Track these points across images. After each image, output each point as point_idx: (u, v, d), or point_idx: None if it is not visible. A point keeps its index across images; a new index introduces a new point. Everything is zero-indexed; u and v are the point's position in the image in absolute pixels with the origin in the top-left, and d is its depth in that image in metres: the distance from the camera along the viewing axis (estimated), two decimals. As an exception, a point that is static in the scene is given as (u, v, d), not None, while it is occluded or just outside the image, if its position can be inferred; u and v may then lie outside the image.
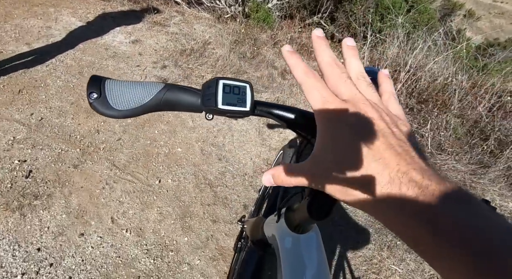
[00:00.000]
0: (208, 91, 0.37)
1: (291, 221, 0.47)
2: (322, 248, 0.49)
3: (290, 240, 0.48)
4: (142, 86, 0.36)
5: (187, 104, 0.37)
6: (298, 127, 0.42)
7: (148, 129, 1.81)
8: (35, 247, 1.20)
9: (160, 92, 0.36)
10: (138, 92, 0.36)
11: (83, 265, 1.19)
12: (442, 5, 7.15)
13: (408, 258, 1.46)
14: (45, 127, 1.65)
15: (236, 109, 0.37)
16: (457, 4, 7.51)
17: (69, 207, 1.34)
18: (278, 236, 0.50)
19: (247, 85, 0.39)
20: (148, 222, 1.38)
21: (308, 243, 0.48)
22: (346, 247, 1.46)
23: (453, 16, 6.56)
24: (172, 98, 0.37)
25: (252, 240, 0.72)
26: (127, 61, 2.31)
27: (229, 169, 1.72)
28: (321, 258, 0.48)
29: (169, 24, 2.91)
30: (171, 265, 1.27)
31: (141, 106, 0.36)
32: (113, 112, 0.34)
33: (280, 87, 2.44)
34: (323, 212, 0.37)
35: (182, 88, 0.38)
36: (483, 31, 9.37)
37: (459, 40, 3.35)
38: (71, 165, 1.50)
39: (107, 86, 0.35)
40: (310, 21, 3.90)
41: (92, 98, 0.34)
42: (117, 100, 0.34)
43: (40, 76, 1.95)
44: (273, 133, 2.01)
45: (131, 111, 0.35)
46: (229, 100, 0.37)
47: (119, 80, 0.36)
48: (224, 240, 1.40)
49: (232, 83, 0.38)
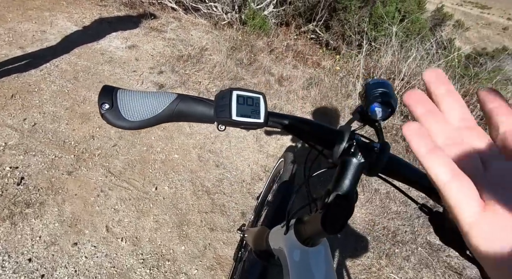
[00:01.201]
0: (222, 102, 0.36)
1: (301, 233, 0.46)
2: (331, 262, 0.48)
3: (298, 252, 0.47)
4: (154, 97, 0.35)
5: (200, 115, 0.37)
6: (311, 139, 0.42)
7: (144, 135, 1.79)
8: (26, 257, 1.15)
9: (173, 103, 0.36)
10: (150, 103, 0.35)
11: (76, 276, 1.15)
12: (433, 15, 7.36)
13: (407, 267, 1.46)
14: (39, 132, 1.61)
15: (250, 121, 0.37)
16: (447, 15, 7.75)
17: (62, 216, 1.30)
18: (287, 249, 0.49)
19: (261, 96, 0.39)
20: (144, 231, 1.35)
21: (317, 257, 0.47)
22: (345, 255, 1.45)
23: (443, 26, 6.74)
24: (185, 109, 0.36)
25: (255, 250, 0.71)
26: (123, 67, 2.29)
27: (226, 176, 1.71)
28: (329, 272, 0.47)
29: (166, 30, 2.91)
30: (167, 275, 1.24)
31: (154, 117, 0.35)
32: (125, 123, 0.33)
33: (277, 94, 2.45)
34: (338, 226, 0.36)
35: (195, 99, 0.37)
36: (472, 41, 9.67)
37: (450, 49, 3.45)
38: (65, 172, 1.47)
39: (119, 97, 0.34)
40: (305, 28, 3.95)
41: (104, 109, 0.33)
42: (129, 111, 0.34)
43: (34, 81, 1.91)
44: (270, 139, 2.01)
45: (143, 122, 0.34)
46: (243, 111, 0.36)
47: (131, 90, 0.35)
48: (222, 249, 1.37)
49: (246, 94, 0.37)
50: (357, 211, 1.69)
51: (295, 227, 0.47)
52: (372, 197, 1.77)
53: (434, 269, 1.47)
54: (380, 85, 0.38)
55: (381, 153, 0.38)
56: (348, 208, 0.37)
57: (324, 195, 0.39)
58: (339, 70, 2.96)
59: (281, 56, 3.11)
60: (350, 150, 0.39)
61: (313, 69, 3.09)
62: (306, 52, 3.44)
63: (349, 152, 0.39)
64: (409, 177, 0.41)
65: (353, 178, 0.38)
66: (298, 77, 2.69)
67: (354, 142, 0.39)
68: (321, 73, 2.94)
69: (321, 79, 2.73)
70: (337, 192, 0.38)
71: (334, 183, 0.39)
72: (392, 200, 1.78)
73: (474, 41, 8.42)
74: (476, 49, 7.79)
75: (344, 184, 0.38)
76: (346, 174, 0.38)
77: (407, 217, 1.70)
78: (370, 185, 1.82)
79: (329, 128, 0.43)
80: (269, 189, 1.27)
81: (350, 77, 2.79)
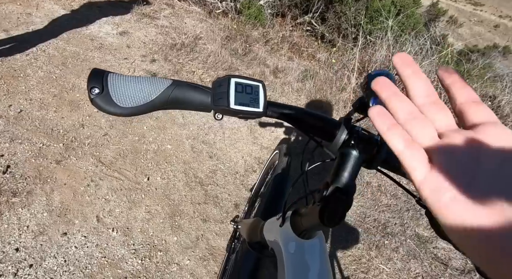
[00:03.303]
0: (220, 90, 0.35)
1: (298, 226, 0.45)
2: (326, 255, 0.48)
3: (294, 245, 0.47)
4: (148, 82, 0.33)
5: (197, 103, 0.35)
6: (310, 130, 0.41)
7: (136, 124, 1.75)
8: (13, 247, 1.13)
9: (168, 89, 0.34)
10: (144, 88, 0.33)
11: (65, 266, 1.13)
12: (428, 10, 7.38)
13: (395, 258, 1.49)
14: (25, 120, 1.56)
15: (249, 110, 0.35)
16: (441, 11, 7.79)
17: (51, 205, 1.27)
18: (282, 241, 0.49)
19: (260, 85, 0.37)
20: (136, 221, 1.34)
21: (313, 249, 0.47)
22: (336, 246, 1.48)
23: (437, 22, 6.77)
24: (181, 96, 0.34)
25: (249, 241, 0.71)
26: (114, 54, 2.22)
27: (220, 168, 1.70)
28: (324, 264, 0.47)
29: (159, 17, 2.82)
30: (159, 266, 1.23)
31: (147, 103, 0.33)
32: (117, 109, 0.31)
33: (272, 86, 2.42)
34: (336, 219, 0.36)
35: (191, 86, 0.35)
36: (464, 37, 9.77)
37: (443, 45, 3.47)
38: (53, 161, 1.43)
39: (110, 81, 0.32)
40: (301, 20, 3.90)
41: (94, 93, 0.31)
42: (121, 96, 0.32)
43: (19, 66, 1.83)
44: (264, 131, 2.00)
45: (136, 108, 0.32)
46: (241, 100, 0.35)
47: (123, 75, 0.33)
48: (214, 239, 1.37)
49: (244, 81, 0.36)
50: (349, 203, 1.72)
51: (291, 219, 0.47)
52: (364, 190, 1.80)
53: (421, 260, 1.51)
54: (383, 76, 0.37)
55: (382, 146, 0.37)
56: (347, 201, 0.36)
57: (322, 188, 0.38)
58: (334, 63, 2.95)
59: (276, 47, 3.07)
60: (350, 142, 0.38)
61: (308, 61, 3.07)
62: (302, 44, 3.40)
63: (349, 144, 0.38)
64: None
65: (352, 170, 0.37)
66: (293, 69, 2.67)
67: (354, 134, 0.38)
68: (316, 65, 2.92)
69: (316, 72, 2.71)
70: (336, 184, 0.37)
71: (333, 176, 0.38)
72: (383, 193, 1.81)
73: (466, 38, 8.52)
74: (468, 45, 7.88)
75: (343, 177, 0.37)
76: (345, 167, 0.37)
77: (397, 210, 1.74)
78: (362, 178, 1.84)
79: (329, 119, 0.42)
80: (263, 181, 1.27)
81: (345, 70, 2.78)
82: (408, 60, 0.22)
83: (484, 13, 21.69)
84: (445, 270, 1.49)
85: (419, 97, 0.22)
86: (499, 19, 20.74)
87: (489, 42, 10.37)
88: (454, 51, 4.25)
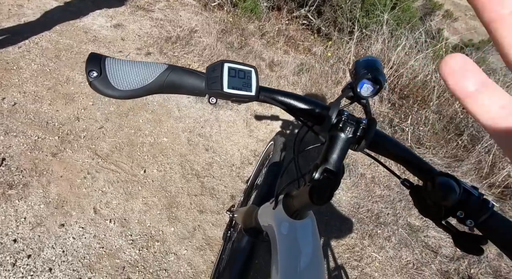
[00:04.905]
0: (213, 74, 0.36)
1: (290, 207, 0.47)
2: (317, 235, 0.50)
3: (287, 225, 0.49)
4: (144, 66, 0.34)
5: (191, 86, 0.36)
6: (301, 114, 0.42)
7: (132, 117, 1.75)
8: (11, 238, 1.14)
9: (164, 73, 0.35)
10: (140, 72, 0.34)
11: (64, 256, 1.15)
12: (423, 4, 7.38)
13: (387, 246, 1.53)
14: (19, 112, 1.55)
15: (241, 93, 0.37)
16: (437, 4, 7.79)
17: (47, 197, 1.28)
18: (275, 223, 0.51)
19: (252, 70, 0.39)
20: (133, 213, 1.35)
21: (304, 229, 0.49)
22: (330, 236, 1.51)
23: (433, 16, 6.78)
24: (176, 80, 0.36)
25: (244, 228, 0.73)
26: (108, 46, 2.20)
27: (216, 160, 1.71)
28: (316, 244, 0.49)
29: (154, 9, 2.79)
30: (157, 255, 1.25)
31: (144, 86, 0.34)
32: (115, 92, 0.32)
33: (268, 79, 2.43)
34: (325, 198, 0.38)
35: (186, 70, 0.37)
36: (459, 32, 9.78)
37: (438, 39, 3.49)
38: (49, 154, 1.43)
39: (108, 65, 0.33)
40: (297, 13, 3.88)
41: (92, 76, 0.32)
42: (119, 80, 0.33)
43: (12, 58, 1.81)
44: (260, 124, 2.01)
45: (133, 91, 0.33)
46: (234, 84, 0.36)
47: (120, 59, 0.34)
48: (211, 230, 1.40)
49: (237, 66, 0.37)
50: (343, 194, 1.75)
51: (283, 201, 0.49)
52: (358, 182, 1.83)
53: (412, 248, 1.56)
54: (370, 62, 0.39)
55: (368, 129, 0.39)
56: (335, 180, 0.38)
57: (312, 169, 0.40)
58: (330, 56, 2.95)
59: (272, 40, 3.06)
60: (338, 125, 0.40)
61: (304, 55, 3.07)
62: (298, 37, 3.40)
63: (337, 127, 0.40)
64: (394, 153, 0.43)
65: (340, 152, 0.39)
66: (289, 63, 2.67)
67: (343, 117, 0.40)
68: (312, 59, 2.92)
69: (312, 65, 2.72)
70: (325, 165, 0.39)
71: (322, 157, 0.40)
72: (376, 184, 1.84)
73: (462, 32, 8.54)
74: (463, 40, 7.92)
75: (332, 158, 0.39)
76: (334, 149, 0.39)
77: (390, 201, 1.77)
78: (356, 170, 1.88)
79: (319, 103, 0.43)
80: (259, 172, 1.29)
81: (340, 64, 2.79)
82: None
83: (480, 7, 21.71)
84: (435, 258, 1.54)
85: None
86: (494, 14, 20.80)
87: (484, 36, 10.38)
88: (450, 45, 4.28)
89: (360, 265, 1.44)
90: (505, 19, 0.12)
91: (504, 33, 0.13)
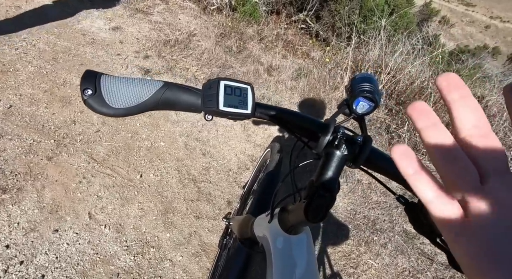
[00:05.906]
0: (209, 92, 0.36)
1: (285, 222, 0.47)
2: (313, 250, 0.50)
3: (282, 240, 0.49)
4: (140, 83, 0.34)
5: (187, 104, 0.36)
6: (297, 131, 0.42)
7: (129, 121, 1.74)
8: (3, 244, 1.12)
9: (159, 90, 0.35)
10: (136, 90, 0.34)
11: (57, 262, 1.14)
12: (421, 10, 7.46)
13: (384, 253, 1.54)
14: (15, 115, 1.54)
15: (237, 112, 0.37)
16: (434, 11, 7.88)
17: (42, 202, 1.27)
18: (270, 236, 0.51)
19: (249, 87, 0.39)
20: (129, 218, 1.34)
21: (299, 244, 0.49)
22: (327, 242, 1.51)
23: (430, 22, 6.86)
24: (172, 97, 0.36)
25: (240, 238, 0.73)
26: (106, 49, 2.19)
27: (213, 165, 1.71)
28: (311, 259, 0.49)
29: (152, 12, 2.79)
30: (152, 262, 1.24)
31: (139, 104, 0.34)
32: (109, 110, 0.32)
33: (266, 84, 2.43)
34: (320, 216, 0.38)
35: (182, 87, 0.36)
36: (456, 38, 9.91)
37: (435, 45, 3.52)
38: (44, 157, 1.42)
39: (103, 82, 0.33)
40: (296, 18, 3.91)
41: (87, 94, 0.32)
42: (114, 98, 0.33)
43: (8, 60, 1.80)
44: (258, 129, 2.01)
45: (128, 109, 0.33)
46: (230, 101, 0.36)
47: (115, 76, 0.34)
48: (207, 236, 1.39)
49: (233, 84, 0.37)
50: (340, 200, 1.75)
51: (279, 215, 0.49)
52: (355, 188, 1.83)
53: (408, 255, 1.56)
54: (366, 80, 0.39)
55: (363, 146, 0.39)
56: (330, 198, 0.38)
57: (308, 186, 0.40)
58: (328, 61, 2.97)
59: (270, 45, 3.07)
60: (334, 142, 0.40)
61: (302, 59, 3.09)
62: (296, 42, 3.41)
63: (333, 144, 0.40)
64: (389, 170, 0.43)
65: (336, 169, 0.39)
66: (287, 67, 2.68)
67: (338, 135, 0.40)
68: (310, 64, 2.94)
69: (310, 70, 2.73)
70: (320, 182, 0.39)
71: (318, 174, 0.40)
72: (373, 191, 1.85)
73: (458, 38, 8.67)
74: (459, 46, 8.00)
75: (327, 175, 0.39)
76: (329, 166, 0.39)
77: (387, 207, 1.78)
78: (353, 176, 1.88)
79: (315, 120, 0.43)
80: (256, 178, 1.29)
81: (338, 69, 2.80)
82: (456, 81, 0.18)
83: (476, 13, 22.02)
84: (430, 265, 1.54)
85: (466, 127, 0.18)
86: (490, 20, 21.09)
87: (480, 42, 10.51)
88: (446, 51, 4.33)
89: (356, 272, 1.43)
90: (428, 135, 0.18)
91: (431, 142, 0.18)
